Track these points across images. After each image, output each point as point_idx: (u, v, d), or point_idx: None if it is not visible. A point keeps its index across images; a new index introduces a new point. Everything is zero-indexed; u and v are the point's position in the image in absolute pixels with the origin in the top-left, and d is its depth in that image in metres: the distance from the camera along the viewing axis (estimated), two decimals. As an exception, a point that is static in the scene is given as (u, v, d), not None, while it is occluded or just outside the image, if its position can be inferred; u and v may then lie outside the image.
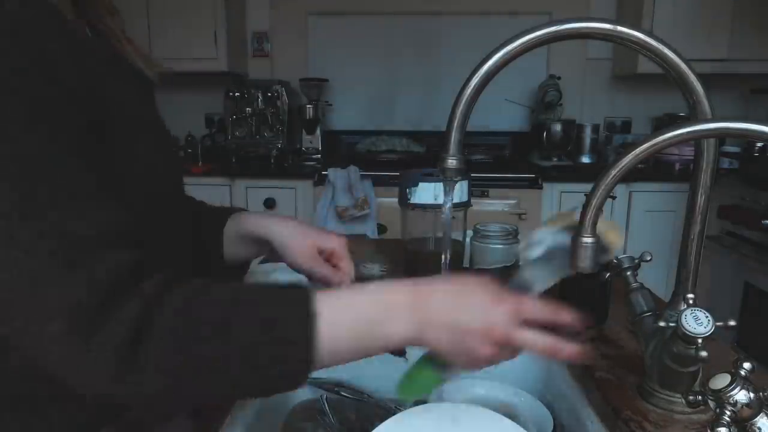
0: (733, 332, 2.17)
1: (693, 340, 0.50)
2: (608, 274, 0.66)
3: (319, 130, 2.75)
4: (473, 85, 0.51)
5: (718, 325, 0.50)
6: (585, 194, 0.51)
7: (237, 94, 2.67)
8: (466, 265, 0.88)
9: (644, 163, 2.46)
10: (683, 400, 0.54)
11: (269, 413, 0.69)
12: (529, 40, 0.50)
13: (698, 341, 0.50)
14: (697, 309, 0.51)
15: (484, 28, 2.87)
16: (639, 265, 0.63)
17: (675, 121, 2.54)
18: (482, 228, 0.86)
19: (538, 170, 2.49)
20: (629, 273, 0.63)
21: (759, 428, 0.46)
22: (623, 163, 0.48)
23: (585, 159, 2.78)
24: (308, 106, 2.72)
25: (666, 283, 2.38)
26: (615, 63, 2.89)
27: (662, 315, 0.59)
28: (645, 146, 0.48)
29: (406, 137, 2.84)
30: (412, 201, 0.83)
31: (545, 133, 2.65)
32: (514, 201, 2.38)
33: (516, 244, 0.85)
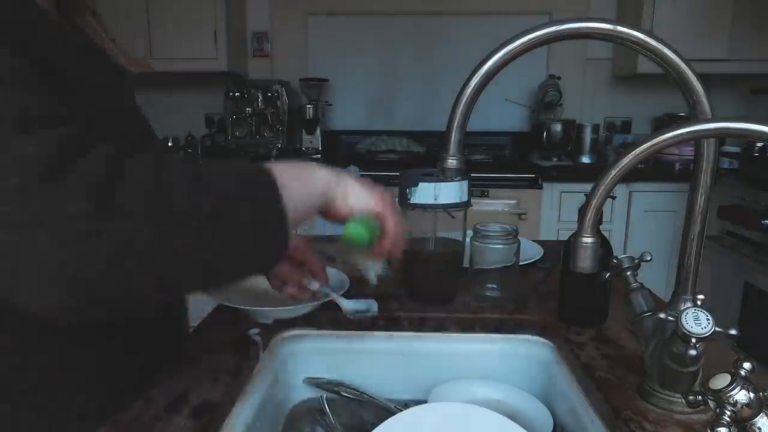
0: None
1: (689, 340, 0.50)
2: (608, 274, 0.65)
3: (319, 130, 2.75)
4: (473, 85, 0.51)
5: (718, 330, 0.50)
6: (585, 194, 0.51)
7: (237, 94, 2.67)
8: (466, 265, 0.88)
9: (644, 163, 2.45)
10: (683, 400, 0.54)
11: (269, 413, 0.69)
12: (529, 40, 0.50)
13: (692, 341, 0.50)
14: (699, 309, 0.51)
15: (484, 28, 2.87)
16: (639, 265, 0.63)
17: (675, 121, 2.54)
18: (482, 228, 0.86)
19: (538, 170, 2.49)
20: (629, 273, 0.63)
21: (759, 428, 0.46)
22: (623, 163, 0.48)
23: (585, 159, 2.78)
24: (308, 106, 2.72)
25: (666, 283, 2.38)
26: (615, 63, 2.89)
27: (662, 315, 0.59)
28: (645, 146, 0.48)
29: (406, 137, 2.85)
30: (412, 201, 0.82)
31: (545, 133, 2.65)
32: (514, 201, 2.38)
33: (516, 244, 0.85)
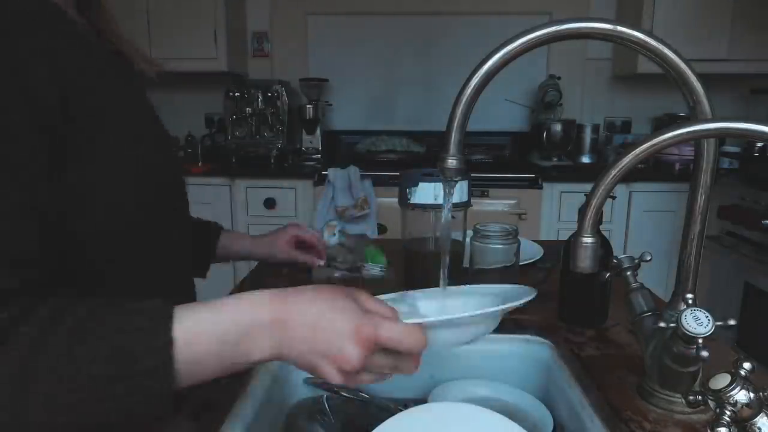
0: (733, 332, 2.18)
1: (693, 340, 0.50)
2: (608, 274, 0.66)
3: (319, 130, 2.75)
4: (473, 85, 0.51)
5: (718, 325, 0.50)
6: (585, 194, 0.51)
7: (237, 94, 2.67)
8: (466, 266, 0.88)
9: (644, 163, 2.46)
10: (683, 400, 0.54)
11: (269, 413, 0.69)
12: (529, 40, 0.50)
13: (698, 341, 0.50)
14: (697, 309, 0.51)
15: (484, 28, 2.87)
16: (639, 265, 0.63)
17: (675, 121, 2.54)
18: (482, 228, 0.86)
19: (538, 170, 2.49)
20: (629, 273, 0.63)
21: (759, 428, 0.46)
22: (623, 163, 0.48)
23: (585, 159, 2.78)
24: (308, 106, 2.72)
25: (666, 283, 2.38)
26: (615, 63, 2.89)
27: (662, 315, 0.59)
28: (645, 146, 0.48)
29: (406, 137, 2.84)
30: (412, 201, 0.83)
31: (545, 133, 2.65)
32: (514, 201, 2.38)
33: (516, 244, 0.85)
